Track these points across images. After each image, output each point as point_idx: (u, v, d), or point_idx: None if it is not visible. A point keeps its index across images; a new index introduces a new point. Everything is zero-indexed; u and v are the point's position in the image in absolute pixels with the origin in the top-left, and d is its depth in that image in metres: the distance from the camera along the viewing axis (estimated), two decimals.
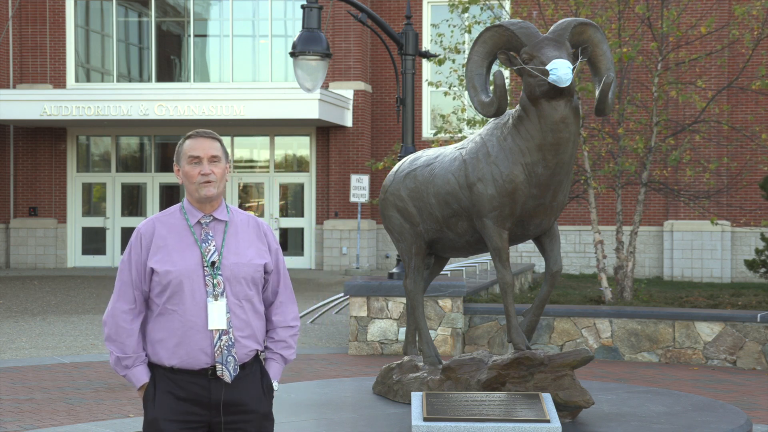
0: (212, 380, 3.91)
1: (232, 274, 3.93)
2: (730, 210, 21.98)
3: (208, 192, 3.94)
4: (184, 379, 3.91)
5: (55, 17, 26.33)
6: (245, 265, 3.96)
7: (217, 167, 3.96)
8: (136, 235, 3.99)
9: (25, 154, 26.51)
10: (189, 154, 3.96)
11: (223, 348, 3.90)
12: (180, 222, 3.99)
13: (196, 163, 3.95)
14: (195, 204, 4.00)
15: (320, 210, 25.86)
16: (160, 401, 3.92)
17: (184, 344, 3.89)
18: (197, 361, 3.90)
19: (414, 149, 11.80)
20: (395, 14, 25.24)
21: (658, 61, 13.97)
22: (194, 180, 3.94)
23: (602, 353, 11.37)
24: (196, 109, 23.67)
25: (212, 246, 3.94)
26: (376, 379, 6.85)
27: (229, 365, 3.91)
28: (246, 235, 4.03)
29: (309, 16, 11.17)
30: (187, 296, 3.89)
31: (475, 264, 15.89)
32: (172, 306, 3.90)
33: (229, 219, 4.03)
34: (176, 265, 3.90)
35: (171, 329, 3.91)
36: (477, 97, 5.98)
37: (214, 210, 4.00)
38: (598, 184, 14.39)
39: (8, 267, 26.35)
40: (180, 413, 3.90)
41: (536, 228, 6.08)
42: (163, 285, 3.90)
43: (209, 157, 3.96)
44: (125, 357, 3.95)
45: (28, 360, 11.30)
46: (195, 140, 3.98)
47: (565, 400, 5.82)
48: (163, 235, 3.95)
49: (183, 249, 3.93)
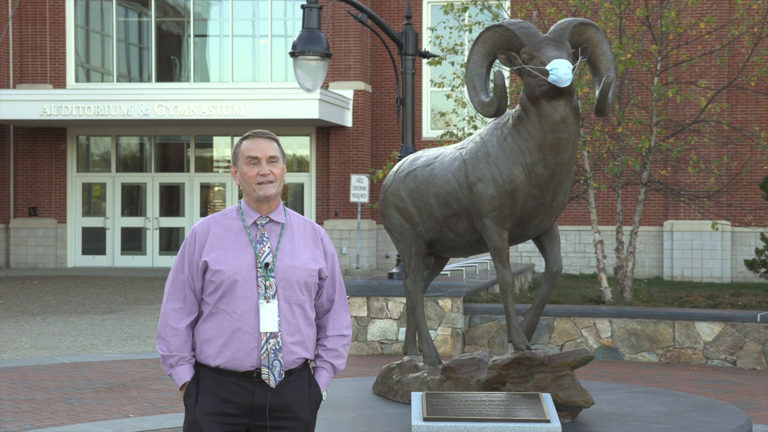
0: (257, 383, 3.87)
1: (285, 277, 3.89)
2: (730, 210, 21.97)
3: (267, 191, 3.91)
4: (228, 380, 3.87)
5: (55, 17, 26.32)
6: (299, 269, 3.92)
7: (276, 167, 3.94)
8: (191, 234, 3.96)
9: (25, 154, 26.51)
10: (247, 155, 3.93)
11: (270, 351, 3.85)
12: (236, 222, 3.96)
13: (254, 164, 3.93)
14: (252, 205, 3.96)
15: (320, 210, 25.86)
16: (202, 401, 3.88)
17: (232, 344, 3.86)
18: (243, 363, 3.86)
19: (414, 149, 11.80)
20: (395, 14, 25.24)
21: (658, 61, 13.97)
22: (252, 180, 3.92)
23: (602, 353, 11.37)
24: (196, 109, 23.66)
25: (267, 247, 3.91)
26: (376, 379, 6.85)
27: (274, 369, 3.86)
28: (302, 239, 4.00)
29: (309, 16, 11.17)
30: (238, 296, 3.86)
31: (475, 264, 15.89)
32: (224, 306, 3.87)
33: (286, 221, 4.00)
34: (230, 264, 3.87)
35: (220, 328, 3.88)
36: (477, 97, 5.98)
37: (271, 211, 3.97)
38: (599, 184, 14.39)
39: (8, 267, 26.35)
40: (221, 414, 3.87)
41: (536, 228, 6.09)
42: (216, 284, 3.87)
43: (267, 158, 3.93)
44: (169, 356, 3.92)
45: (28, 360, 11.30)
46: (253, 141, 3.95)
47: (565, 400, 5.82)
48: (219, 235, 3.93)
49: (238, 249, 3.90)
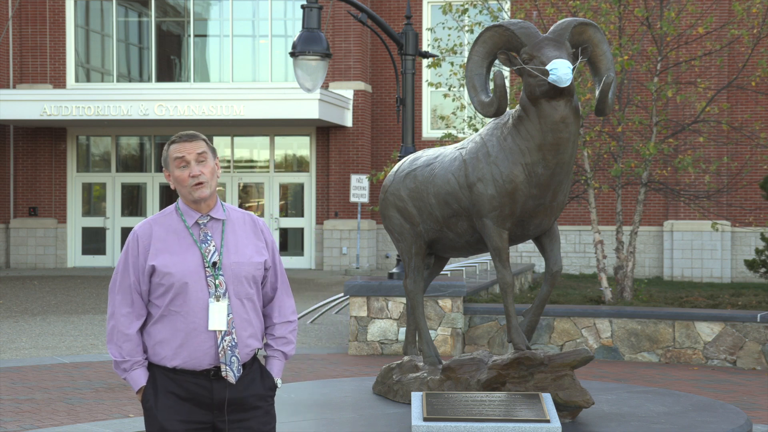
0: (214, 380, 3.90)
1: (233, 274, 3.91)
2: (730, 210, 21.96)
3: (201, 194, 3.92)
4: (185, 379, 3.90)
5: (55, 17, 26.32)
6: (246, 264, 3.95)
7: (206, 166, 3.93)
8: (132, 237, 3.96)
9: (25, 154, 26.50)
10: (175, 156, 3.93)
11: (227, 349, 3.89)
12: (177, 223, 3.96)
13: (183, 166, 3.93)
14: (191, 205, 3.97)
15: (320, 210, 25.86)
16: (162, 403, 3.90)
17: (187, 345, 3.88)
18: (200, 362, 3.89)
19: (414, 149, 11.79)
20: (395, 14, 25.24)
21: (657, 61, 13.96)
22: (186, 183, 3.92)
23: (602, 353, 11.37)
24: (196, 109, 23.66)
25: (212, 246, 3.93)
26: (376, 379, 6.85)
27: (233, 366, 3.90)
28: (244, 233, 4.01)
29: (309, 16, 11.16)
30: (190, 297, 3.87)
31: (475, 264, 15.88)
32: (176, 308, 3.88)
33: (226, 217, 4.01)
34: (178, 267, 3.88)
35: (174, 330, 3.89)
36: (477, 97, 5.98)
37: (210, 209, 3.98)
38: (599, 184, 14.38)
39: (8, 267, 26.34)
40: (184, 413, 3.89)
41: (536, 228, 6.08)
42: (165, 287, 3.88)
43: (196, 156, 3.92)
44: (123, 361, 3.94)
45: (28, 360, 11.30)
46: (179, 144, 3.95)
47: (565, 400, 5.82)
48: (162, 237, 3.93)
49: (183, 251, 3.91)
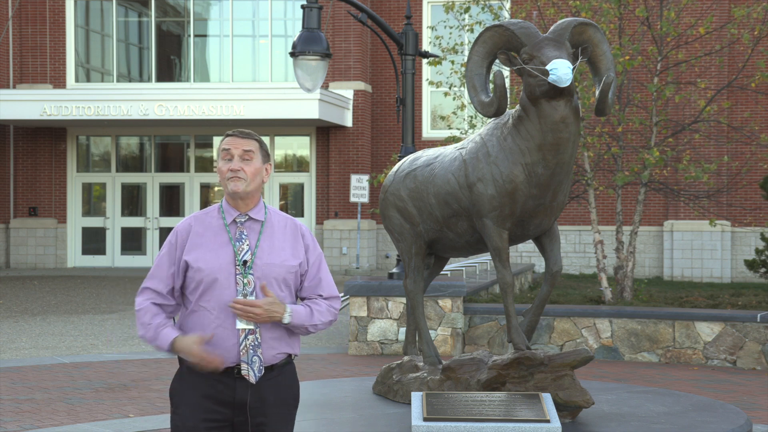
0: (237, 379, 3.90)
1: (263, 275, 3.92)
2: (730, 210, 21.96)
3: (235, 186, 3.94)
4: (209, 376, 3.90)
5: (55, 17, 26.32)
6: (277, 266, 3.95)
7: (249, 165, 3.96)
8: (173, 233, 4.02)
9: (25, 154, 26.50)
10: (223, 149, 3.99)
11: (249, 348, 3.89)
12: (216, 220, 4.00)
13: (227, 159, 3.97)
14: (231, 202, 4.00)
15: (320, 210, 25.86)
16: (187, 399, 3.92)
17: (211, 341, 3.89)
18: (223, 359, 3.88)
19: (414, 149, 11.79)
20: (395, 14, 25.24)
21: (657, 61, 13.96)
22: (224, 175, 3.97)
23: (602, 353, 11.37)
24: (196, 109, 23.66)
25: (245, 245, 3.94)
26: (376, 379, 6.85)
27: (254, 365, 3.89)
28: (282, 236, 4.02)
29: (309, 16, 11.17)
30: (217, 294, 3.90)
31: (475, 264, 15.88)
32: (204, 303, 3.92)
33: (266, 219, 4.02)
34: (209, 262, 3.91)
35: (201, 326, 3.92)
36: (477, 97, 5.98)
37: (250, 209, 4.00)
38: (599, 184, 14.37)
39: (8, 267, 26.34)
40: (205, 411, 3.90)
41: (536, 228, 6.08)
42: (196, 282, 3.92)
43: (241, 152, 3.96)
44: (153, 336, 3.93)
45: (28, 360, 11.30)
46: (231, 138, 4.01)
47: (565, 400, 5.82)
48: (200, 233, 3.97)
49: (217, 247, 3.94)
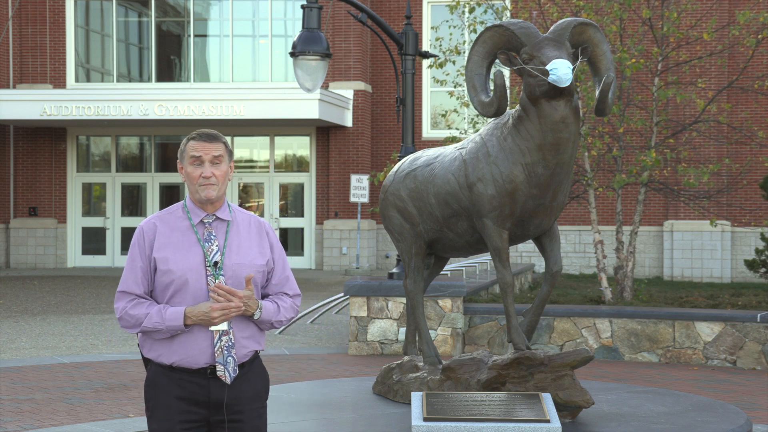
0: (211, 379, 3.92)
1: (234, 275, 3.94)
2: (730, 210, 21.96)
3: (208, 194, 3.95)
4: (182, 377, 3.92)
5: (55, 17, 26.32)
6: (248, 266, 3.97)
7: (219, 169, 3.96)
8: (138, 233, 3.99)
9: (25, 154, 26.50)
10: (191, 155, 3.96)
11: (223, 348, 3.91)
12: (182, 221, 4.00)
13: (197, 165, 3.96)
14: (197, 203, 4.01)
15: (320, 210, 25.86)
16: (161, 401, 3.93)
17: (185, 343, 3.90)
18: (196, 360, 3.91)
19: (414, 149, 11.79)
20: (395, 14, 25.24)
21: (659, 61, 13.96)
22: (195, 181, 3.95)
23: (602, 353, 11.37)
24: (196, 109, 23.66)
25: (215, 246, 3.95)
26: (376, 379, 6.85)
27: (228, 366, 3.92)
28: (248, 235, 4.04)
29: (309, 16, 11.16)
30: (189, 295, 3.90)
31: (475, 264, 15.88)
32: (175, 304, 3.91)
33: (232, 218, 4.03)
34: (179, 264, 3.91)
35: None
36: (477, 97, 5.98)
37: (217, 210, 4.01)
38: (599, 184, 14.36)
39: (8, 267, 26.34)
40: (180, 412, 3.92)
41: (536, 228, 6.08)
42: (165, 284, 3.92)
43: (211, 158, 3.96)
44: (148, 319, 3.88)
45: (28, 360, 11.30)
46: (198, 142, 3.97)
47: (565, 400, 5.82)
48: (166, 234, 3.96)
49: (186, 248, 3.94)
